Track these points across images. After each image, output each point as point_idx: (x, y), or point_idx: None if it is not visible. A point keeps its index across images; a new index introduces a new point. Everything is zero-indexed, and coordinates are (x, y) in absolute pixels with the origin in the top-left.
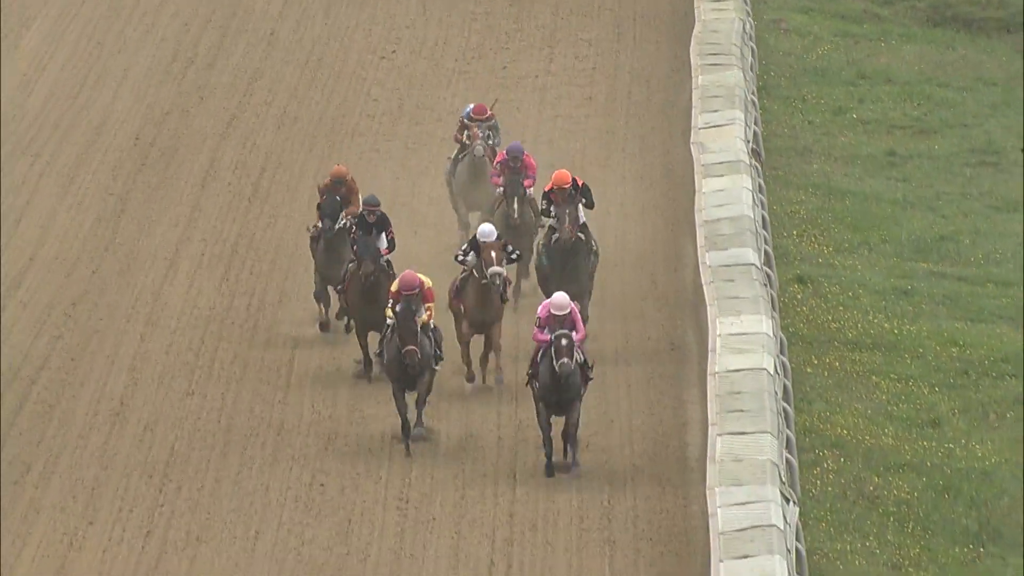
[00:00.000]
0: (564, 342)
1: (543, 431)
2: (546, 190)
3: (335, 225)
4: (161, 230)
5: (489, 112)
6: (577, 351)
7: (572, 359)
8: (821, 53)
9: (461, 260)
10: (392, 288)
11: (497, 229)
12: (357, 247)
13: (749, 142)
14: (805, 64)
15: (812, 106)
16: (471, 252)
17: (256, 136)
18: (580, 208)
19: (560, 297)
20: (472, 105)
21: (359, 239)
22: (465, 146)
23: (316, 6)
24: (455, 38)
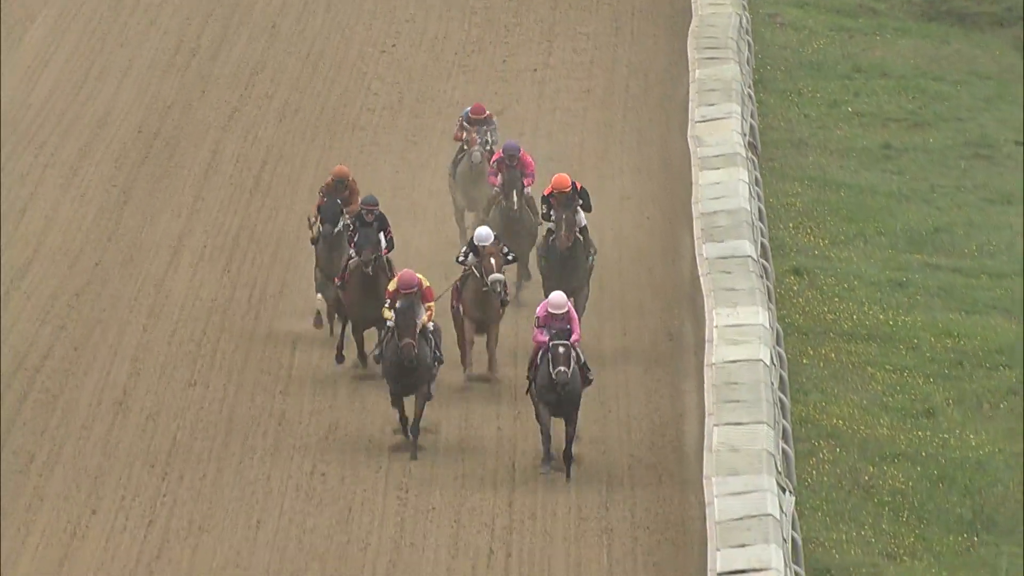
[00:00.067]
0: (561, 350)
1: (543, 429)
2: (546, 194)
3: (335, 229)
4: (164, 221)
5: (487, 112)
6: (575, 351)
7: (569, 367)
8: (817, 47)
9: (462, 262)
10: (390, 287)
11: (495, 227)
12: (357, 238)
13: (745, 135)
14: (801, 58)
15: (808, 99)
16: (470, 254)
17: (258, 128)
18: (579, 211)
19: (557, 296)
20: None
21: (359, 230)
22: (464, 149)
23: (317, 0)
24: (455, 32)
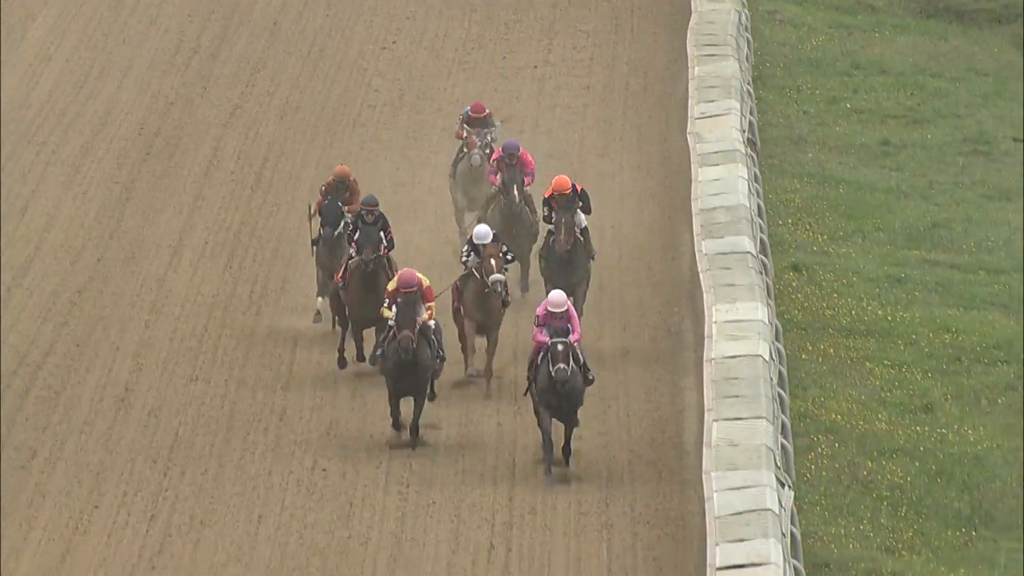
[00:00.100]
0: (560, 348)
1: (544, 436)
2: (546, 196)
3: (335, 232)
4: (165, 219)
5: (487, 111)
6: (574, 350)
7: (568, 365)
8: (816, 44)
9: (464, 262)
10: (390, 287)
11: (494, 226)
12: (358, 237)
13: (745, 132)
14: (800, 55)
15: (807, 96)
16: (472, 254)
17: (259, 126)
18: (579, 213)
19: (557, 295)
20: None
21: (360, 230)
22: (464, 150)
23: None
24: (455, 29)
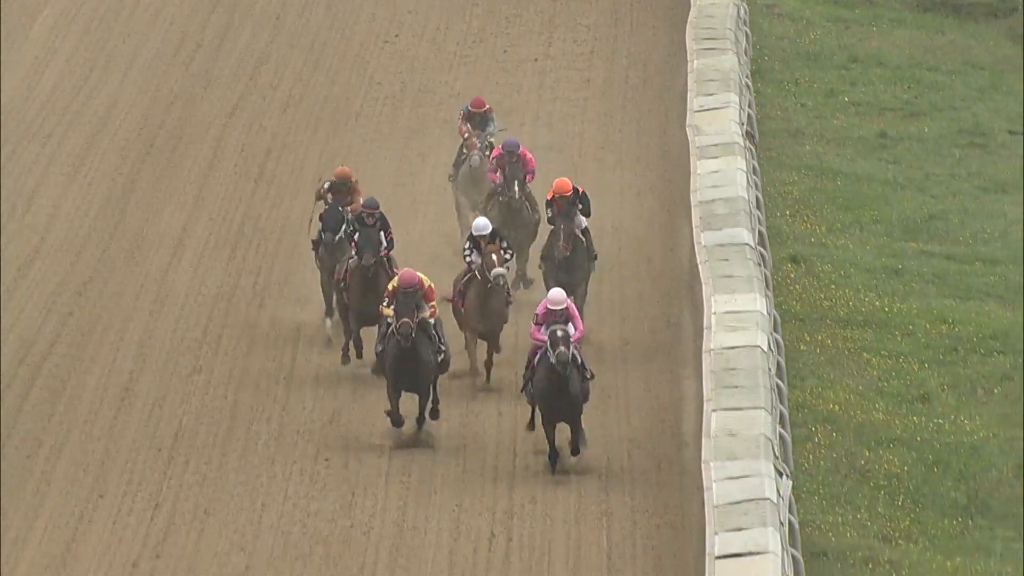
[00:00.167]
0: (560, 333)
1: (548, 437)
2: (548, 199)
3: (336, 237)
4: (168, 212)
5: (487, 106)
6: (575, 349)
7: (568, 348)
8: (814, 37)
9: (467, 257)
10: (390, 286)
11: (494, 222)
12: (358, 239)
13: (743, 124)
14: (798, 48)
15: (805, 89)
16: (473, 250)
17: (262, 119)
18: (578, 215)
19: (556, 293)
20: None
21: (360, 232)
22: (464, 151)
23: None
24: (456, 23)
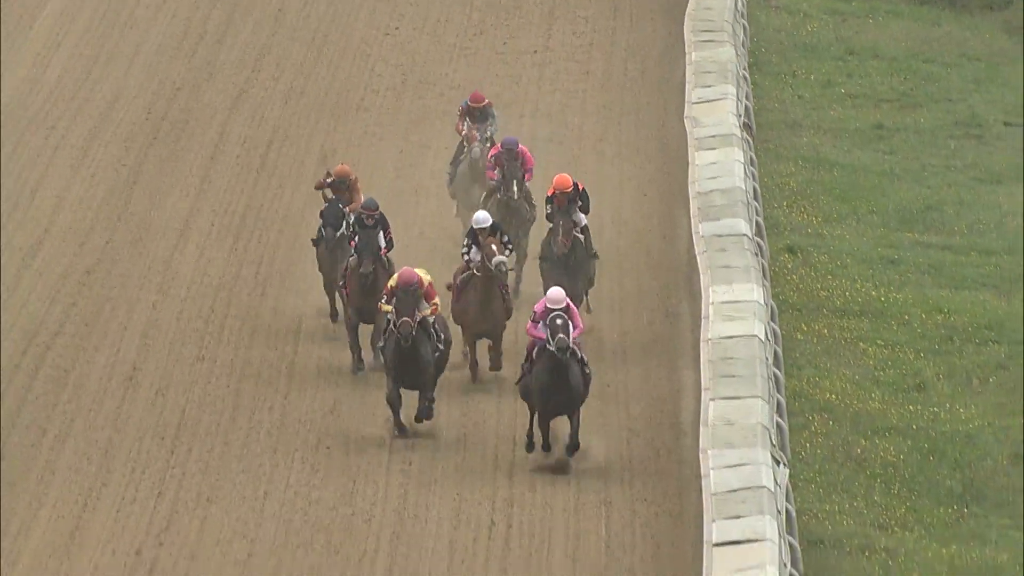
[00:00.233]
0: (559, 321)
1: (543, 433)
2: (549, 195)
3: (336, 234)
4: (172, 201)
5: (486, 100)
6: (575, 345)
7: (568, 335)
8: (811, 30)
9: (467, 258)
10: (389, 284)
11: (492, 217)
12: (358, 242)
13: (741, 116)
14: (795, 40)
15: (802, 81)
16: (472, 246)
17: (264, 110)
18: (578, 212)
19: (555, 291)
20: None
21: (359, 234)
22: (463, 148)
23: None
24: (457, 15)
